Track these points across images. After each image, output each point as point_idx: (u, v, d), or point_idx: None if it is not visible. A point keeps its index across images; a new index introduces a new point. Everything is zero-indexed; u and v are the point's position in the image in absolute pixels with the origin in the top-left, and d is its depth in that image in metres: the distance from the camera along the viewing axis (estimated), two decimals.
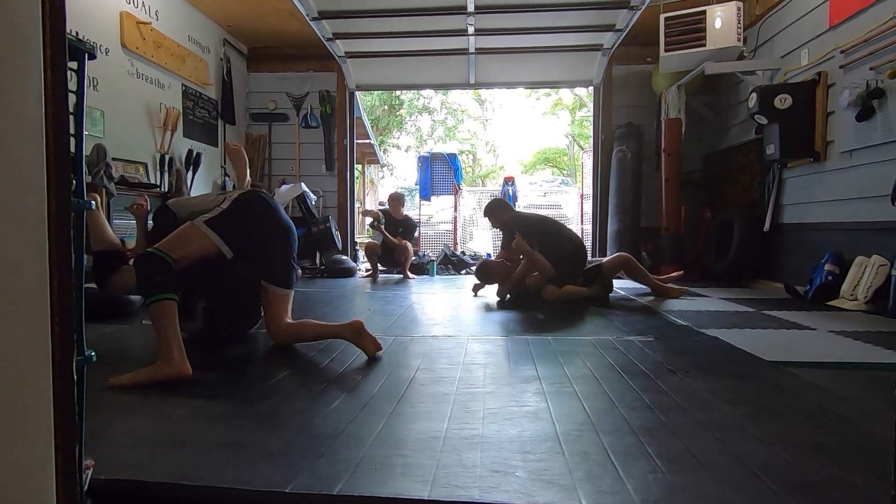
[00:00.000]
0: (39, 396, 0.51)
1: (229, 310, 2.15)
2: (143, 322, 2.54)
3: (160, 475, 1.00)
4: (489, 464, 1.06)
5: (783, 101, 3.65)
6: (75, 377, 0.81)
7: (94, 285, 2.84)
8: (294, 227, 2.13)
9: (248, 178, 2.38)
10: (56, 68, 0.59)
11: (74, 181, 0.89)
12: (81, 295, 0.92)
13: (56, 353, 0.52)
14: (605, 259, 3.83)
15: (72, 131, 0.98)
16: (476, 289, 3.74)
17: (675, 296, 3.55)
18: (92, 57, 0.90)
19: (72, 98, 0.90)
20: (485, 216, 3.96)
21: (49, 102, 0.58)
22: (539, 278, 3.49)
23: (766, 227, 4.12)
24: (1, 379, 0.47)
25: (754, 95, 3.77)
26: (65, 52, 0.62)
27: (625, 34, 4.66)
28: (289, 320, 2.06)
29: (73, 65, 0.89)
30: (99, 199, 2.72)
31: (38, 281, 0.52)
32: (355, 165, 6.34)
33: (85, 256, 3.25)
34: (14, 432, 0.48)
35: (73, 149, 1.00)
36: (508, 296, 3.52)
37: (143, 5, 4.09)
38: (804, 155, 3.68)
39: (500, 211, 3.78)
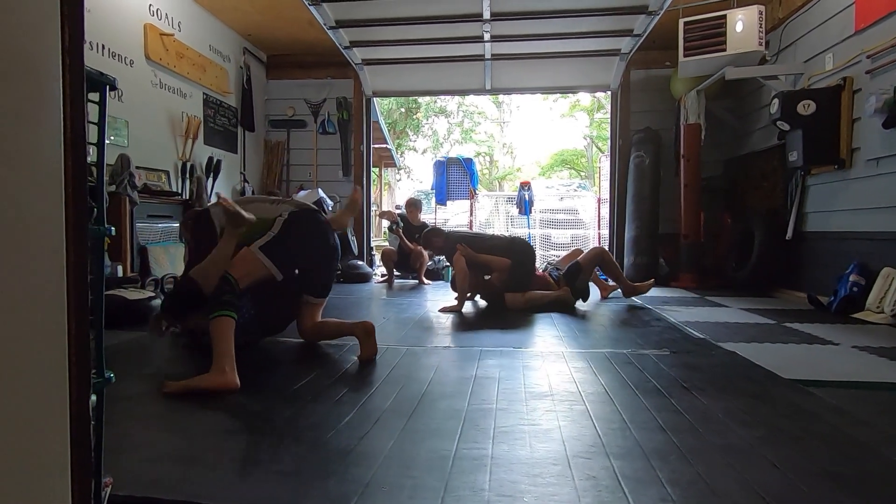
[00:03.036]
0: (56, 432, 0.52)
1: (269, 318, 2.26)
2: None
3: (176, 492, 1.02)
4: (497, 487, 1.06)
5: (807, 107, 3.57)
6: (93, 401, 0.84)
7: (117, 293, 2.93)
8: (339, 245, 2.26)
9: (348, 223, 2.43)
10: (75, 103, 0.61)
11: (96, 209, 0.93)
12: (102, 316, 0.95)
13: (73, 393, 0.54)
14: (580, 257, 3.80)
15: (94, 160, 1.02)
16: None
17: (645, 290, 3.91)
18: (113, 88, 0.93)
19: (94, 129, 0.93)
20: (423, 247, 4.24)
21: (68, 135, 0.60)
22: (499, 278, 3.50)
23: (789, 235, 4.03)
24: (17, 412, 0.49)
25: (776, 101, 3.70)
26: (83, 88, 0.64)
27: (643, 39, 4.61)
28: (318, 320, 2.28)
29: (95, 96, 0.92)
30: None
31: (55, 312, 0.53)
32: (372, 169, 6.39)
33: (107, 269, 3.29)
34: (31, 467, 0.50)
35: (94, 177, 1.03)
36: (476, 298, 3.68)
37: (167, 17, 4.19)
38: (828, 162, 3.59)
39: (433, 237, 3.80)
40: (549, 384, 1.78)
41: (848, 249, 3.43)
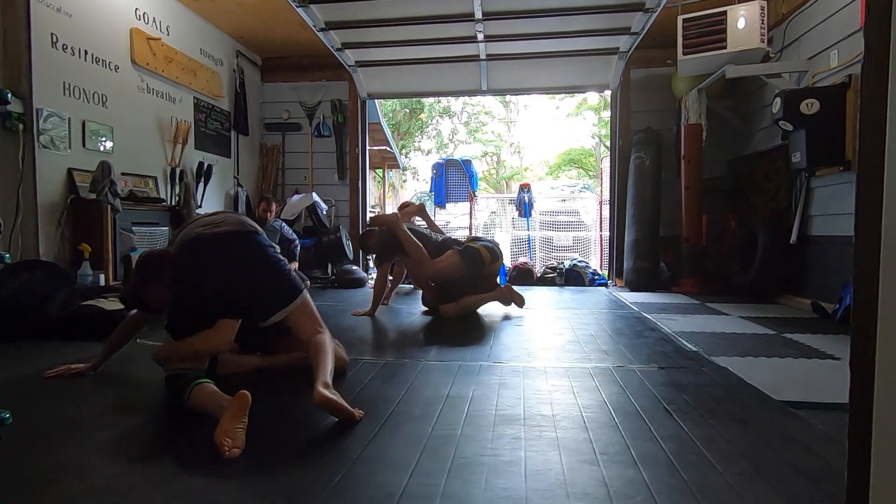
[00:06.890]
0: None
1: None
2: (138, 341, 2.53)
3: None
4: None
5: (810, 107, 3.42)
6: None
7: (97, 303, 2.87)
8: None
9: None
10: None
11: None
12: None
13: None
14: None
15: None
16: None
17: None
18: (6, 102, 0.85)
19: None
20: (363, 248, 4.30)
21: None
22: (428, 284, 3.52)
23: (793, 238, 3.88)
24: None
25: (778, 100, 3.55)
26: None
27: (641, 37, 4.48)
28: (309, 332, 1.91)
29: None
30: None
31: None
32: (376, 171, 6.31)
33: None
34: None
35: None
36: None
37: (154, 21, 4.14)
38: (833, 163, 3.44)
39: (367, 239, 3.91)
40: (522, 406, 1.68)
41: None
